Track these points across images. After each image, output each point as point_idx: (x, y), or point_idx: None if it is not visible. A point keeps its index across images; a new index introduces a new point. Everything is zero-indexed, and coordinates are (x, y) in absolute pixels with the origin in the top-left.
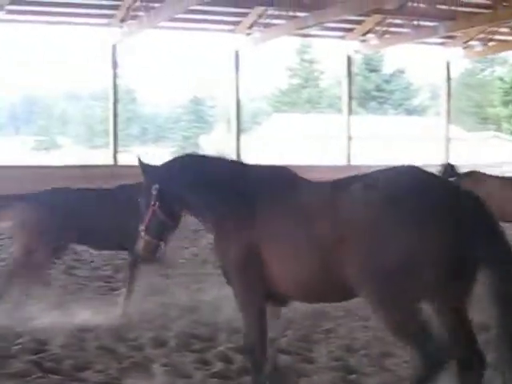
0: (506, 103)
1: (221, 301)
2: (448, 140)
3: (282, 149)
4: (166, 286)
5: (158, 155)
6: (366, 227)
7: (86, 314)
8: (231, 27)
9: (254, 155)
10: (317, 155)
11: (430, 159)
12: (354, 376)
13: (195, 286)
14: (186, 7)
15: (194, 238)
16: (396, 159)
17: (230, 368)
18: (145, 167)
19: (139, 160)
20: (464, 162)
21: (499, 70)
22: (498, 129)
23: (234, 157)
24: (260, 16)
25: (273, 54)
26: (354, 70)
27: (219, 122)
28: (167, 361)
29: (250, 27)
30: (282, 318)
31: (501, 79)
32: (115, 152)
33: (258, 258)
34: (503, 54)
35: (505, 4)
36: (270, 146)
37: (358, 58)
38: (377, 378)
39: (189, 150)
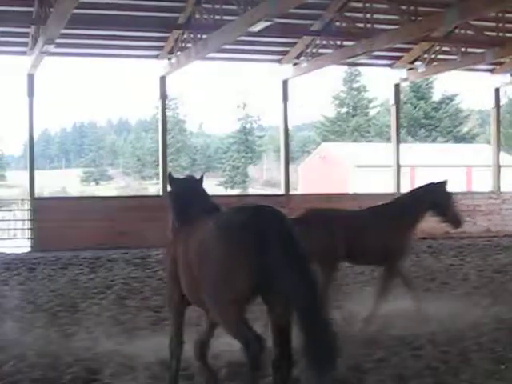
0: None
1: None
2: (498, 167)
3: (331, 177)
4: None
5: (207, 186)
6: (201, 249)
7: (136, 344)
8: (279, 57)
9: (303, 184)
10: (366, 184)
11: (480, 186)
12: None
13: None
14: (234, 38)
15: None
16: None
17: None
18: (171, 180)
19: (169, 174)
20: None
21: None
22: None
23: (283, 186)
24: (307, 46)
25: (321, 82)
26: (403, 97)
27: (268, 152)
28: None
29: (298, 57)
30: None
31: None
32: (165, 183)
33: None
34: None
35: None
36: (319, 174)
37: (406, 86)
38: None
39: (238, 180)
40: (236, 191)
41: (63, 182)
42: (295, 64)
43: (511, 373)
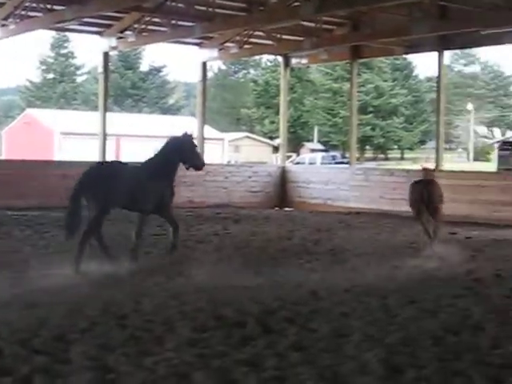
0: (258, 105)
1: None
2: (202, 139)
3: (36, 144)
4: None
5: None
6: None
7: None
8: None
9: (6, 150)
10: (72, 152)
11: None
12: (111, 375)
13: None
14: None
15: None
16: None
17: None
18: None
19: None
20: (218, 162)
21: (252, 73)
22: (251, 130)
23: None
24: (16, 7)
25: (27, 46)
26: (111, 66)
27: None
28: None
29: (6, 18)
30: (35, 317)
31: (254, 81)
32: None
33: None
34: (256, 57)
35: (260, 8)
36: (24, 140)
37: (114, 55)
38: (135, 376)
39: None
40: None
41: None
42: (3, 25)
43: (214, 340)
